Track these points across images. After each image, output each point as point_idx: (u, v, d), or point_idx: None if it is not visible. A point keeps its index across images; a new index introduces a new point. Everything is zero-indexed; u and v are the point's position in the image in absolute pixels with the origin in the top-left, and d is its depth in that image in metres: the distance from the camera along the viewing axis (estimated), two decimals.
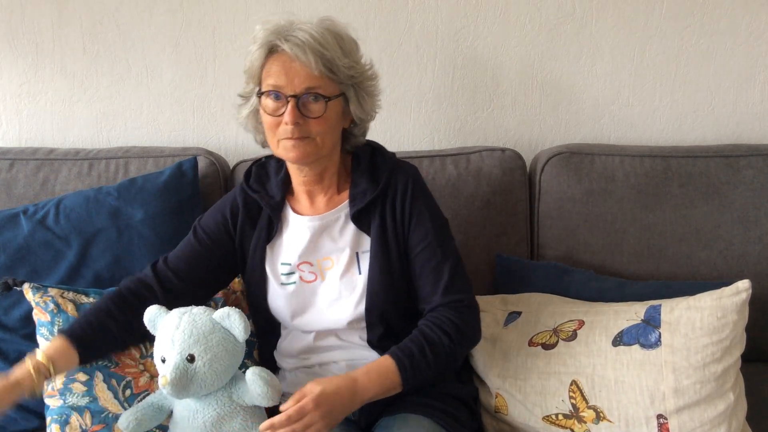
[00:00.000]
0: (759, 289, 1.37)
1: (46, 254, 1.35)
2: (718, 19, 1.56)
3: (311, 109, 1.11)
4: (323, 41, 1.11)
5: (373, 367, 1.10)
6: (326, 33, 1.12)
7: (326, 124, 1.13)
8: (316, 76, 1.10)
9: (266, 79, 1.13)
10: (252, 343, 1.31)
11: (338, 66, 1.12)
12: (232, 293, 1.33)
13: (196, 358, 1.06)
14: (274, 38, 1.12)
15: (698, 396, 1.11)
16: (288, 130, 1.11)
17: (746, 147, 1.50)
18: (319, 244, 1.20)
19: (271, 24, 1.14)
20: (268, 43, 1.12)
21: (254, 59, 1.14)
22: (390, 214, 1.19)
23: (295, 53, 1.09)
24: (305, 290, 1.20)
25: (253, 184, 1.25)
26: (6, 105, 1.65)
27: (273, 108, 1.13)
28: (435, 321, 1.14)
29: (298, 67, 1.10)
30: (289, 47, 1.10)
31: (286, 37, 1.11)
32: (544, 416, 1.20)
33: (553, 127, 1.64)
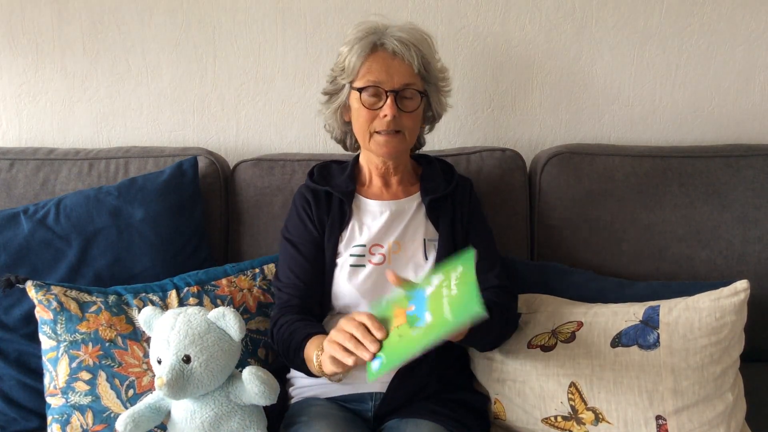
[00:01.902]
0: (759, 290, 1.38)
1: (47, 254, 1.35)
2: (718, 19, 1.56)
3: (407, 105, 1.22)
4: (420, 42, 1.23)
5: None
6: (421, 34, 1.24)
7: (416, 119, 1.25)
8: (414, 73, 1.21)
9: (365, 75, 1.21)
10: (256, 341, 1.31)
11: (432, 65, 1.25)
12: (238, 291, 1.33)
13: (191, 358, 1.06)
14: (375, 38, 1.21)
15: (697, 397, 1.11)
16: (385, 123, 1.20)
17: (746, 147, 1.50)
18: (392, 227, 1.27)
19: (366, 24, 1.24)
20: (369, 41, 1.21)
21: (353, 56, 1.21)
22: (459, 210, 1.29)
23: (400, 51, 1.20)
24: (375, 273, 1.23)
25: (317, 180, 1.32)
26: (6, 105, 1.66)
27: (371, 102, 1.21)
28: (497, 292, 1.22)
29: (398, 64, 1.20)
30: (393, 45, 1.20)
31: (387, 36, 1.21)
32: (543, 418, 1.20)
33: (553, 127, 1.64)
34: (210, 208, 1.51)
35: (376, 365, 0.94)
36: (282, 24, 1.60)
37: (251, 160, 1.53)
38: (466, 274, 0.94)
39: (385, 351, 0.94)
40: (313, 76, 1.61)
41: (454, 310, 0.90)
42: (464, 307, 0.89)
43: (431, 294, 0.96)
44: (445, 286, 0.95)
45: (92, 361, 1.20)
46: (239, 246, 1.52)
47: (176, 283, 1.31)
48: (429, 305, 0.94)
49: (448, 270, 0.98)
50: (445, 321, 0.90)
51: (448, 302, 0.92)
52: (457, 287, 0.93)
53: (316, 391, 1.22)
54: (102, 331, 1.22)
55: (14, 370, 1.30)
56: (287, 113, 1.64)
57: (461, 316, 0.89)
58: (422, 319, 0.93)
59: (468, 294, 0.91)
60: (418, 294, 0.98)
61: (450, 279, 0.95)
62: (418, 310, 0.95)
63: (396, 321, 0.97)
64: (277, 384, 1.11)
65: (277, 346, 1.19)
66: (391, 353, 0.94)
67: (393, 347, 0.94)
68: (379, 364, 0.94)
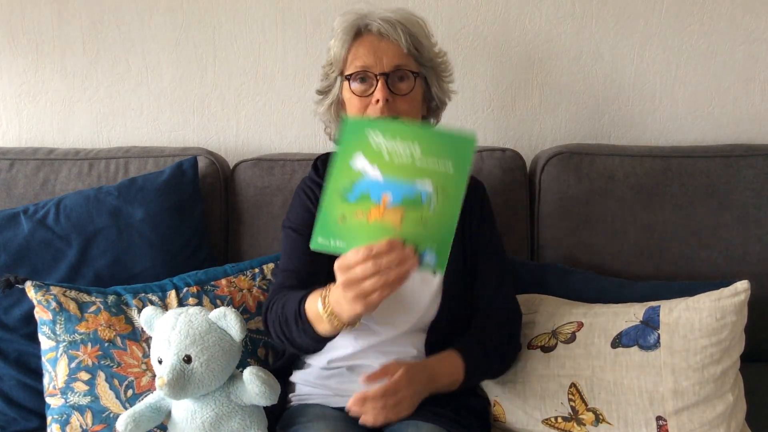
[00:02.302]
0: (759, 290, 1.37)
1: (47, 254, 1.35)
2: (718, 19, 1.56)
3: (400, 87, 1.14)
4: (408, 21, 1.16)
5: (445, 358, 1.11)
6: (408, 15, 1.17)
7: (413, 102, 1.17)
8: (404, 53, 1.14)
9: (353, 62, 1.15)
10: (255, 341, 1.31)
11: (423, 45, 1.17)
12: (238, 291, 1.33)
13: (192, 358, 1.06)
14: (360, 21, 1.15)
15: (697, 397, 1.11)
16: (378, 109, 1.12)
17: (746, 147, 1.50)
18: None
19: (350, 14, 1.17)
20: (354, 27, 1.15)
21: (338, 47, 1.16)
22: (469, 219, 1.22)
23: (386, 30, 1.13)
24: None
25: (322, 172, 1.26)
26: (6, 105, 1.66)
27: (361, 89, 1.15)
28: (494, 324, 1.17)
29: (385, 45, 1.14)
30: (378, 26, 1.13)
31: (371, 18, 1.15)
32: (544, 419, 1.20)
33: (553, 127, 1.64)
34: (210, 208, 1.51)
35: (430, 258, 0.87)
36: (282, 24, 1.60)
37: (251, 160, 1.53)
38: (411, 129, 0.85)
39: (422, 240, 0.86)
40: (313, 76, 1.61)
41: (441, 150, 0.84)
42: (449, 142, 0.84)
43: (394, 167, 0.85)
44: (399, 155, 0.85)
45: (91, 362, 1.20)
46: (239, 246, 1.52)
47: (176, 283, 1.31)
48: (406, 175, 0.85)
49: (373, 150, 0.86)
50: (446, 170, 0.84)
51: (424, 152, 0.84)
52: (419, 142, 0.84)
53: (318, 401, 1.21)
54: (101, 332, 1.22)
55: (14, 370, 1.30)
56: (287, 113, 1.64)
57: (454, 146, 0.83)
58: (416, 190, 0.85)
59: (442, 134, 0.85)
60: (371, 183, 0.86)
61: (396, 150, 0.85)
62: (400, 190, 0.85)
63: (388, 218, 0.86)
64: (278, 384, 1.11)
65: (272, 326, 1.09)
66: (430, 237, 0.86)
67: (428, 230, 0.86)
68: (432, 256, 0.87)
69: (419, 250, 0.86)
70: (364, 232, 0.86)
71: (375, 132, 0.85)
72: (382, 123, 0.88)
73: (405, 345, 1.19)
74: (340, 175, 0.86)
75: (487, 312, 1.21)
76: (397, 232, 0.86)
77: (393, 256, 0.84)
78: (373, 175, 0.85)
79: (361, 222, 0.86)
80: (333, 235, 0.87)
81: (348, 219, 0.87)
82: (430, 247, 0.86)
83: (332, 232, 0.87)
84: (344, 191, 0.86)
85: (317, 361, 1.21)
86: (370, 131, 0.85)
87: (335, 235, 0.87)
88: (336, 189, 0.86)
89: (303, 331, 1.00)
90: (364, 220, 0.86)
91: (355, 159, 0.86)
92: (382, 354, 1.18)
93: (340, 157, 0.86)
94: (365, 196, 0.86)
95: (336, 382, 1.19)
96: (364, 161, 0.86)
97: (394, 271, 0.84)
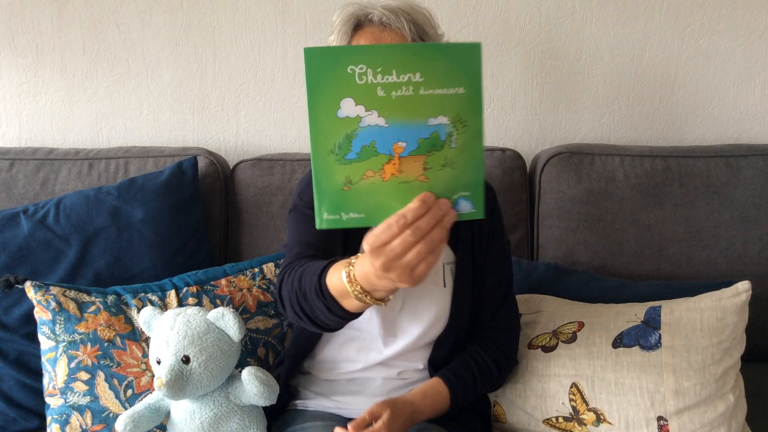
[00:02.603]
0: (759, 290, 1.38)
1: (47, 254, 1.35)
2: (718, 19, 1.56)
3: None
4: (411, 10, 1.08)
5: (429, 392, 1.08)
6: (412, 4, 1.09)
7: None
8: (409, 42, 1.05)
9: None
10: (255, 341, 1.31)
11: (428, 35, 1.09)
12: (238, 291, 1.33)
13: (191, 359, 1.06)
14: (360, 12, 1.07)
15: (698, 398, 1.11)
16: None
17: (746, 147, 1.50)
18: None
19: (350, 5, 1.09)
20: (354, 18, 1.07)
21: (338, 40, 1.09)
22: (478, 226, 1.15)
23: (388, 19, 1.04)
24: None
25: None
26: (6, 105, 1.65)
27: None
28: (488, 348, 1.15)
29: (388, 35, 1.05)
30: (379, 15, 1.05)
31: (373, 8, 1.07)
32: (545, 419, 1.20)
33: (553, 127, 1.64)
34: (210, 208, 1.51)
35: (466, 204, 0.74)
36: (282, 24, 1.60)
37: (251, 160, 1.53)
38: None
39: (453, 186, 0.73)
40: None
41: (446, 70, 0.69)
42: (453, 56, 0.69)
43: (396, 105, 0.69)
44: (398, 88, 0.69)
45: (91, 362, 1.20)
46: (239, 246, 1.52)
47: (175, 283, 1.31)
48: (413, 112, 0.70)
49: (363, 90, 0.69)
50: (458, 95, 0.69)
51: (426, 77, 0.69)
52: (418, 66, 0.68)
53: (318, 408, 1.18)
54: (101, 331, 1.22)
55: (14, 370, 1.30)
56: (287, 113, 1.64)
57: (463, 67, 0.69)
58: (430, 128, 0.71)
59: (442, 49, 0.70)
60: (372, 132, 0.70)
61: (392, 83, 0.69)
62: (412, 132, 0.71)
63: (407, 170, 0.72)
64: (277, 384, 1.11)
65: (288, 300, 0.96)
66: (460, 180, 0.73)
67: (456, 173, 0.72)
68: (467, 202, 0.74)
69: (452, 199, 0.73)
70: (383, 193, 0.72)
71: (356, 64, 0.68)
72: (361, 51, 0.69)
73: (411, 360, 1.15)
74: (327, 131, 0.70)
75: (485, 332, 1.18)
76: (423, 185, 0.72)
77: (431, 216, 0.71)
78: (372, 121, 0.70)
79: (375, 182, 0.72)
80: (342, 207, 0.73)
81: (356, 183, 0.72)
82: (462, 191, 0.73)
83: (339, 203, 0.73)
84: (339, 149, 0.71)
85: (320, 371, 1.19)
86: (349, 64, 0.67)
87: (345, 206, 0.73)
88: (326, 149, 0.71)
89: (327, 308, 0.86)
90: (377, 180, 0.72)
91: (342, 105, 0.69)
92: (387, 368, 1.15)
93: (320, 107, 0.69)
94: (369, 149, 0.71)
95: (338, 394, 1.17)
96: (355, 106, 0.69)
97: (436, 232, 0.71)
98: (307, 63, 0.67)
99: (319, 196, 0.73)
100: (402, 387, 1.15)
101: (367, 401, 1.12)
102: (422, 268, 0.72)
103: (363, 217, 0.73)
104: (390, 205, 0.72)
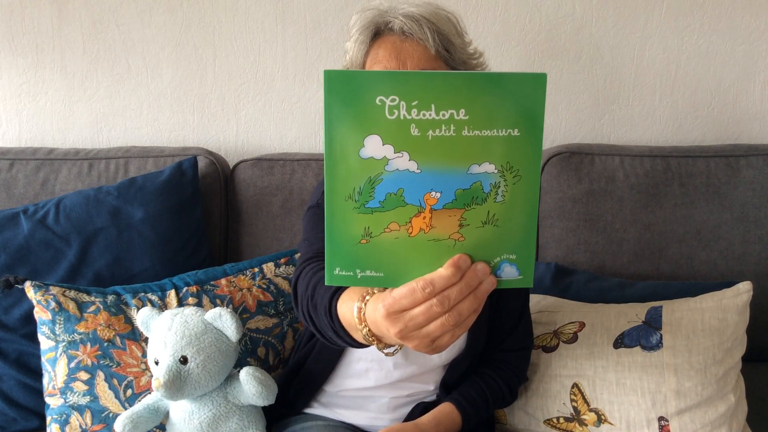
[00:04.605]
0: (759, 290, 1.38)
1: (46, 254, 1.35)
2: (718, 19, 1.56)
3: None
4: (436, 18, 0.98)
5: (441, 419, 1.05)
6: (436, 10, 1.00)
7: None
8: (432, 55, 0.97)
9: (372, 67, 0.98)
10: (256, 341, 1.31)
11: (454, 45, 0.99)
12: (238, 291, 1.33)
13: (188, 359, 1.06)
14: (380, 19, 0.99)
15: (699, 398, 1.11)
16: None
17: (746, 147, 1.50)
18: None
19: (368, 10, 1.00)
20: (373, 25, 0.99)
21: (355, 49, 1.00)
22: None
23: (410, 28, 0.96)
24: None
25: None
26: (6, 105, 1.65)
27: None
28: (500, 370, 1.13)
29: (410, 47, 0.96)
30: (400, 24, 0.96)
31: (393, 15, 0.98)
32: (546, 420, 1.20)
33: (553, 127, 1.63)
34: (210, 207, 1.51)
35: (511, 270, 0.62)
36: (282, 24, 1.60)
37: (251, 160, 1.52)
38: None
39: (496, 248, 0.61)
40: (313, 76, 1.61)
41: (498, 106, 0.56)
42: (510, 90, 0.56)
43: (432, 148, 0.57)
44: (437, 127, 0.57)
45: (91, 361, 1.20)
46: (239, 246, 1.51)
47: (175, 283, 1.31)
48: (452, 156, 0.57)
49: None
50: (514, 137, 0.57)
51: (473, 115, 0.56)
52: (463, 100, 0.56)
53: (321, 413, 1.18)
54: (100, 331, 1.22)
55: (14, 370, 1.30)
56: (287, 113, 1.64)
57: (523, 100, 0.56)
58: (472, 177, 0.58)
59: (496, 79, 0.56)
60: (401, 177, 0.58)
61: (429, 120, 0.56)
62: (449, 181, 0.58)
63: (439, 226, 0.60)
64: (275, 384, 1.11)
65: (301, 303, 0.89)
66: (505, 240, 0.61)
67: (501, 232, 0.61)
68: (512, 266, 0.62)
69: (493, 263, 0.62)
70: (408, 251, 0.61)
71: (387, 95, 0.55)
72: (394, 78, 0.56)
73: (423, 381, 1.13)
74: (346, 172, 0.58)
75: (498, 354, 1.16)
76: (458, 244, 0.61)
77: (464, 285, 0.60)
78: (401, 165, 0.57)
79: (400, 237, 0.60)
80: (357, 263, 0.62)
81: (376, 236, 0.60)
82: (507, 253, 0.62)
83: (355, 258, 0.61)
84: (359, 196, 0.59)
85: (326, 385, 1.16)
86: (379, 95, 0.55)
87: (361, 262, 0.62)
88: (344, 194, 0.59)
89: (335, 333, 0.79)
90: (403, 235, 0.60)
91: (366, 144, 0.57)
92: (397, 389, 1.12)
93: (340, 143, 0.57)
94: (396, 198, 0.59)
95: (342, 408, 1.16)
96: (382, 145, 0.57)
97: (467, 303, 0.60)
98: (327, 89, 0.55)
99: (332, 248, 0.61)
100: (408, 404, 1.13)
101: (371, 417, 1.12)
102: (445, 340, 0.62)
103: (382, 276, 0.62)
104: (416, 265, 0.61)
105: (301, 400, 1.17)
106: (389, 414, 1.12)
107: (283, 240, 1.48)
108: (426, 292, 0.59)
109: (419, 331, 0.61)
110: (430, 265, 0.61)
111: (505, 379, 1.13)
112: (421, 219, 0.59)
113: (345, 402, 1.15)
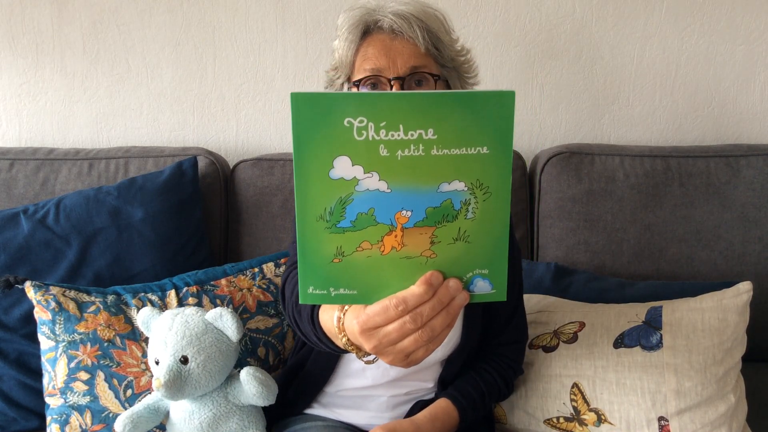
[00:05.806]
0: (759, 290, 1.38)
1: (46, 254, 1.35)
2: (718, 19, 1.56)
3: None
4: (425, 15, 0.99)
5: (438, 415, 1.05)
6: (424, 8, 1.01)
7: None
8: (422, 53, 0.98)
9: (362, 66, 0.99)
10: (256, 341, 1.31)
11: (443, 42, 0.99)
12: (238, 291, 1.33)
13: (189, 359, 1.06)
14: (369, 17, 0.99)
15: (699, 398, 1.11)
16: None
17: (746, 147, 1.50)
18: None
19: (357, 9, 1.00)
20: (362, 24, 0.99)
21: (344, 48, 1.00)
22: None
23: (399, 26, 0.96)
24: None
25: None
26: (6, 105, 1.65)
27: None
28: (495, 364, 1.13)
29: (399, 45, 0.97)
30: (389, 22, 0.97)
31: (382, 13, 0.98)
32: (546, 420, 1.20)
33: (553, 127, 1.64)
34: (210, 208, 1.51)
35: (483, 284, 0.64)
36: (282, 24, 1.60)
37: (251, 160, 1.52)
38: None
39: (467, 264, 0.63)
40: (313, 76, 1.61)
41: (466, 125, 0.57)
42: (477, 108, 0.57)
43: (402, 167, 0.58)
44: (405, 147, 0.57)
45: (91, 361, 1.20)
46: (239, 246, 1.52)
47: (175, 283, 1.31)
48: (422, 176, 0.58)
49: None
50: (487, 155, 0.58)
51: (441, 134, 0.57)
52: (432, 119, 0.57)
53: (319, 413, 1.18)
54: (100, 331, 1.22)
55: (14, 370, 1.30)
56: (287, 113, 1.64)
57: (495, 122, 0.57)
58: (442, 195, 0.60)
59: (463, 98, 0.57)
60: (371, 197, 0.59)
61: (397, 141, 0.57)
62: (420, 200, 0.60)
63: (411, 244, 0.61)
64: (275, 384, 1.11)
65: (288, 307, 0.94)
66: (476, 256, 0.62)
67: (472, 248, 0.62)
68: (484, 281, 0.64)
69: (466, 278, 0.63)
70: (381, 269, 0.62)
71: (355, 116, 0.56)
72: (361, 100, 0.57)
73: (421, 378, 1.13)
74: (316, 193, 0.59)
75: (493, 347, 1.16)
76: (430, 261, 0.62)
77: (436, 302, 0.62)
78: (371, 185, 0.58)
79: (372, 256, 0.61)
80: (330, 281, 0.63)
81: (349, 255, 0.61)
82: (479, 268, 0.63)
83: (328, 277, 0.62)
84: (330, 216, 0.60)
85: (326, 385, 1.16)
86: (346, 116, 0.56)
87: (334, 281, 0.63)
88: (315, 214, 0.60)
89: (318, 340, 0.83)
90: (375, 253, 0.61)
91: (335, 165, 0.58)
92: (396, 387, 1.12)
93: (309, 164, 0.58)
94: (367, 218, 0.60)
95: (341, 407, 1.16)
96: (351, 166, 0.58)
97: (440, 318, 0.63)
98: (294, 111, 0.56)
99: (305, 268, 0.62)
100: (407, 402, 1.14)
101: (371, 416, 1.12)
102: (419, 354, 0.64)
103: (356, 294, 0.63)
104: (388, 283, 0.62)
105: (302, 401, 1.17)
106: (389, 413, 1.12)
107: (283, 240, 1.48)
108: (399, 310, 0.61)
109: (393, 347, 0.64)
110: (403, 282, 0.62)
111: (501, 373, 1.13)
112: (392, 237, 0.61)
113: (344, 402, 1.15)
